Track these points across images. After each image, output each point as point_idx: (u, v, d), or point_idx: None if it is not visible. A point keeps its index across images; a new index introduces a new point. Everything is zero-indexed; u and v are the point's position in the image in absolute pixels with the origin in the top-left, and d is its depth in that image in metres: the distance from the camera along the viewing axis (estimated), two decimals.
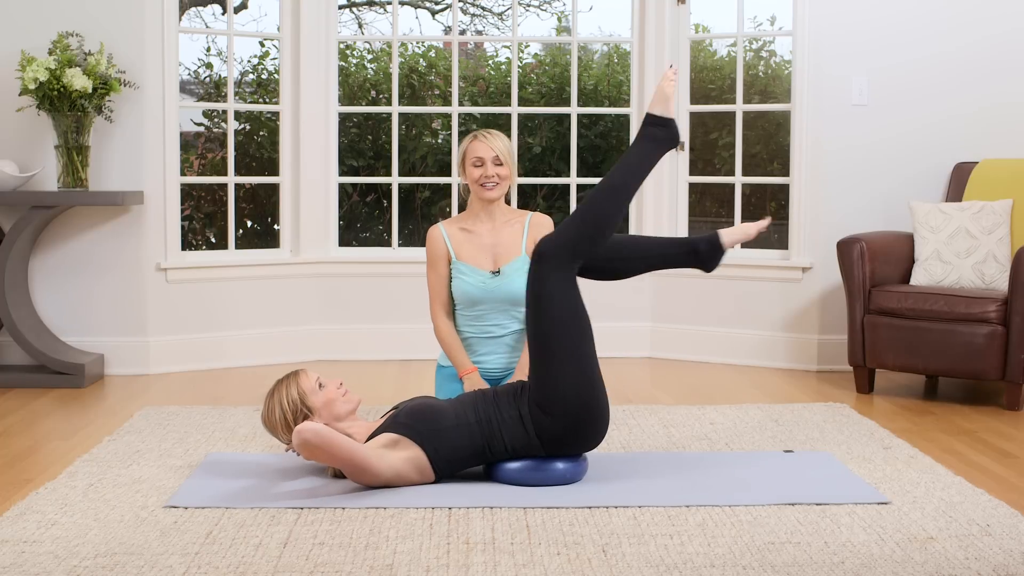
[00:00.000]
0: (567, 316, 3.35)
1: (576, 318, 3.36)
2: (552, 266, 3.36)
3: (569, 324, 3.34)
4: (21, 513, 3.07)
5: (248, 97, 7.98)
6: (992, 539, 2.88)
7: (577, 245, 3.39)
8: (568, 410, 3.30)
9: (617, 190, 3.46)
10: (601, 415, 3.35)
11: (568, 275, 3.37)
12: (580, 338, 3.35)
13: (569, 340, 3.33)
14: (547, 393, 3.30)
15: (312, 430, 3.13)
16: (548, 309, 3.34)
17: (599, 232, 3.42)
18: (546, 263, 3.36)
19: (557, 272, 3.36)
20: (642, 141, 3.55)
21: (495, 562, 2.70)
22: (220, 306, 5.53)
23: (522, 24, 11.14)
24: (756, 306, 5.62)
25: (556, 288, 3.35)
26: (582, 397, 3.31)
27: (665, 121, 3.54)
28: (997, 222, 4.87)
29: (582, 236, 3.40)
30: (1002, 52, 5.41)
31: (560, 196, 8.01)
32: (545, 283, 3.35)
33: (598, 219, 3.42)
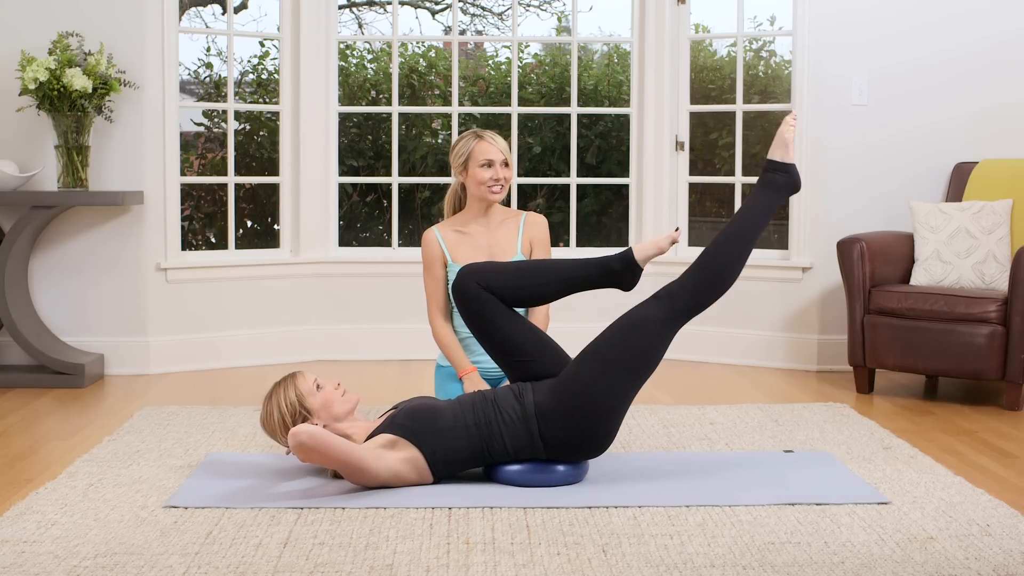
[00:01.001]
0: (646, 351, 3.35)
1: (651, 357, 3.37)
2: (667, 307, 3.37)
3: (642, 356, 3.34)
4: (21, 513, 3.07)
5: (248, 97, 7.98)
6: (992, 539, 2.88)
7: (699, 292, 3.40)
8: (584, 412, 3.28)
9: (740, 239, 3.45)
10: (610, 434, 3.36)
11: (673, 322, 3.39)
12: (639, 371, 3.35)
13: (631, 365, 3.33)
14: (571, 389, 3.30)
15: (307, 432, 3.13)
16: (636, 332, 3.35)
17: (723, 281, 3.43)
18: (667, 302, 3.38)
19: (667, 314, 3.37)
20: (762, 189, 3.54)
21: (495, 562, 2.70)
22: (220, 306, 5.53)
23: (522, 24, 11.14)
24: (756, 306, 5.62)
25: (658, 323, 3.36)
26: (603, 409, 3.30)
27: (786, 167, 3.53)
28: (997, 222, 4.87)
29: (707, 283, 3.41)
30: (1002, 52, 5.41)
31: (560, 196, 8.00)
32: (652, 316, 3.36)
33: (723, 268, 3.43)
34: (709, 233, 8.03)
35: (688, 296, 3.41)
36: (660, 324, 3.37)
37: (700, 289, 3.42)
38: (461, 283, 3.45)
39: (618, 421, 3.37)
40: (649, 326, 3.36)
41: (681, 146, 5.83)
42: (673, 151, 5.83)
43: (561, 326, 4.53)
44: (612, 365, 3.31)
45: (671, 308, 3.39)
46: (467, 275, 3.45)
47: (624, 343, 3.34)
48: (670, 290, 3.43)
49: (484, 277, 3.44)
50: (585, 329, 4.04)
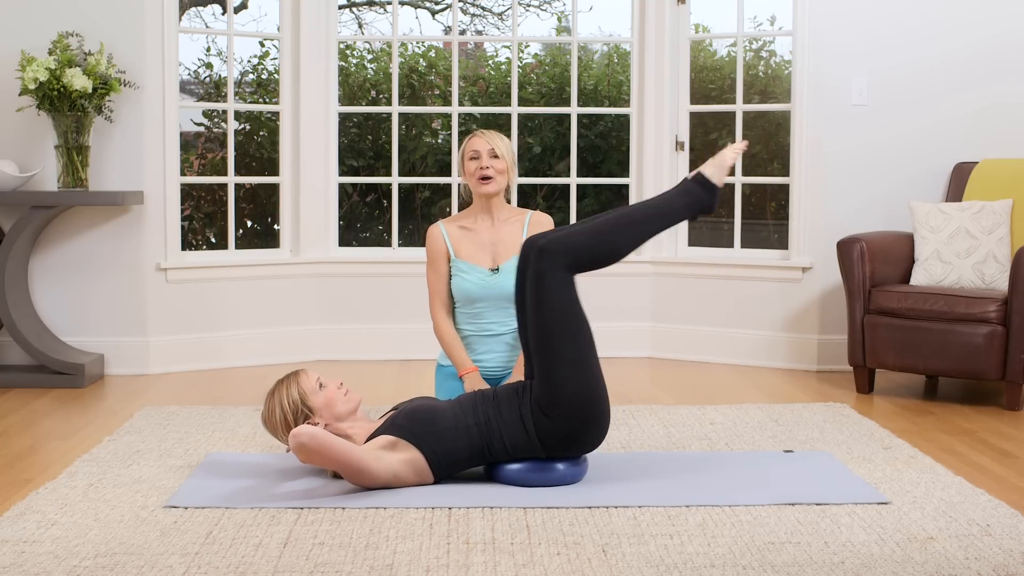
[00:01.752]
0: (569, 317, 3.32)
1: (577, 319, 3.34)
2: (552, 264, 3.31)
3: (571, 324, 3.32)
4: (21, 513, 3.07)
5: (248, 97, 7.98)
6: (992, 539, 2.88)
7: (581, 257, 3.33)
8: (570, 411, 3.29)
9: (638, 226, 3.39)
10: (602, 417, 3.34)
11: (567, 277, 3.34)
12: (582, 339, 3.33)
13: (571, 340, 3.31)
14: (550, 394, 3.29)
15: (308, 434, 3.13)
16: (548, 308, 3.31)
17: (605, 258, 3.37)
18: (547, 260, 3.30)
19: (558, 272, 3.32)
20: (682, 195, 3.47)
21: (495, 562, 2.70)
22: (220, 306, 5.53)
23: (522, 24, 11.14)
24: (756, 306, 5.62)
25: (557, 288, 3.32)
26: (584, 398, 3.30)
27: (711, 187, 3.47)
28: (997, 222, 4.87)
29: (589, 252, 3.34)
30: (1002, 52, 5.41)
31: (560, 196, 8.01)
32: (546, 282, 3.32)
33: (611, 245, 3.36)
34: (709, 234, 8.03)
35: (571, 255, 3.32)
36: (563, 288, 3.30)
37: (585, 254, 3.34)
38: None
39: (603, 388, 3.32)
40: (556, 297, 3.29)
41: (681, 146, 5.83)
42: (673, 151, 5.83)
43: None
44: (564, 350, 3.27)
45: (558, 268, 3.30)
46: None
47: (555, 325, 3.29)
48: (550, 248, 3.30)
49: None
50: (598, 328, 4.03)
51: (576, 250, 3.34)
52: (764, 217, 8.15)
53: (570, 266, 3.33)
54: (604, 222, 3.40)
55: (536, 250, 3.34)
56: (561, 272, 3.32)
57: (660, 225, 3.44)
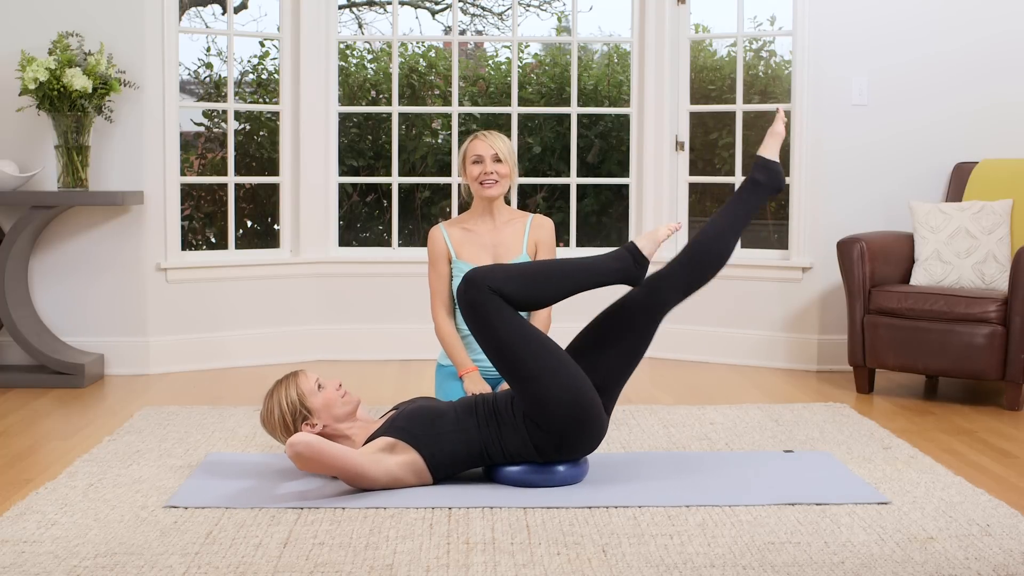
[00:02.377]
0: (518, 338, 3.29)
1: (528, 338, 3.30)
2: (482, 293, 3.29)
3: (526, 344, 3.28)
4: (21, 513, 3.07)
5: (248, 97, 7.98)
6: (992, 539, 2.88)
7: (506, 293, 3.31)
8: (561, 423, 3.26)
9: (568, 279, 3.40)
10: (595, 421, 3.31)
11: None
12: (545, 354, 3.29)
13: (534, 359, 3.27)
14: (537, 411, 3.27)
15: (304, 442, 3.12)
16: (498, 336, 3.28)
17: (529, 301, 3.37)
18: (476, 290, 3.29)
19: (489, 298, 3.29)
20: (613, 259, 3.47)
21: (495, 562, 2.70)
22: (220, 306, 5.53)
23: (522, 24, 11.14)
24: (756, 306, 5.62)
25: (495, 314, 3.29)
26: (572, 408, 3.26)
27: (642, 259, 3.47)
28: (997, 222, 4.87)
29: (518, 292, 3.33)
30: (1002, 52, 5.41)
31: (560, 196, 8.00)
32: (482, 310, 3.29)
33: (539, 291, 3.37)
34: None
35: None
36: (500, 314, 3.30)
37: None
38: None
39: (589, 392, 3.31)
40: (496, 323, 3.30)
41: (681, 146, 5.83)
42: (673, 151, 5.83)
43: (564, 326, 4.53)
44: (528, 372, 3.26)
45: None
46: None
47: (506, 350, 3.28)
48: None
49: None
50: None
51: (505, 285, 3.32)
52: (764, 217, 8.16)
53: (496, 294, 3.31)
54: (537, 269, 3.41)
55: (464, 281, 3.33)
56: (490, 297, 3.29)
57: (586, 281, 3.43)
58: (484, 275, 3.33)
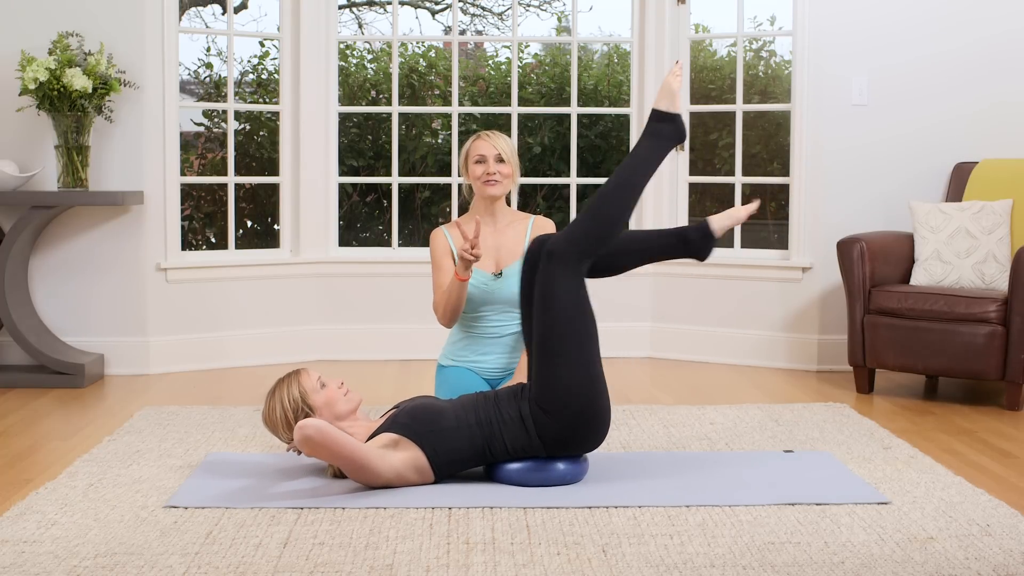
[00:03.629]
0: (574, 315, 3.33)
1: (583, 317, 3.34)
2: (562, 264, 3.34)
3: (576, 323, 3.32)
4: (21, 513, 3.07)
5: (248, 97, 7.98)
6: (992, 539, 2.88)
7: (586, 244, 3.37)
8: (570, 409, 3.29)
9: (624, 187, 3.44)
10: (602, 415, 3.34)
11: (577, 274, 3.36)
12: (586, 338, 3.33)
13: (575, 339, 3.31)
14: (549, 392, 3.29)
15: (314, 426, 3.13)
16: (554, 307, 3.32)
17: (608, 231, 3.40)
18: (556, 261, 3.34)
19: (566, 270, 3.34)
20: (648, 138, 3.53)
21: (495, 562, 2.70)
22: (220, 306, 5.53)
23: (522, 24, 11.14)
24: (756, 306, 5.62)
25: (564, 287, 3.33)
26: (584, 397, 3.30)
27: (671, 116, 3.54)
28: (997, 222, 4.87)
29: (591, 235, 3.38)
30: (1002, 52, 5.41)
31: (560, 196, 8.00)
32: (553, 281, 3.33)
33: (607, 217, 3.40)
34: None
35: (577, 247, 3.37)
36: (569, 287, 3.33)
37: (588, 240, 3.39)
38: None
39: (604, 387, 3.34)
40: (562, 295, 3.32)
41: (681, 146, 5.83)
42: (673, 151, 5.83)
43: None
44: (566, 349, 3.29)
45: (566, 266, 3.34)
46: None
47: (558, 324, 3.31)
48: (558, 250, 3.35)
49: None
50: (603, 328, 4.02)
51: (579, 239, 3.37)
52: (764, 217, 8.16)
53: (580, 258, 3.36)
54: (594, 200, 3.45)
55: (545, 254, 3.36)
56: (572, 270, 3.34)
57: (644, 173, 3.48)
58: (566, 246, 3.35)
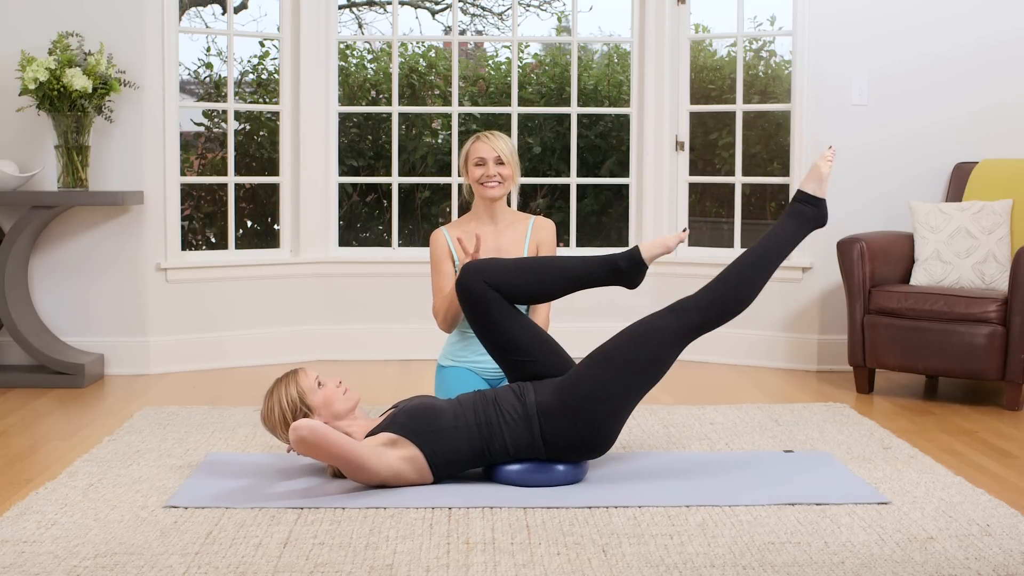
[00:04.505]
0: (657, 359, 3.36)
1: (660, 366, 3.38)
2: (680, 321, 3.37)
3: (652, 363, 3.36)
4: (21, 513, 3.07)
5: (248, 97, 7.98)
6: (992, 539, 2.88)
7: (712, 313, 3.40)
8: (588, 411, 3.28)
9: (760, 267, 3.46)
10: (610, 435, 3.37)
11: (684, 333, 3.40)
12: (647, 377, 3.37)
13: (640, 370, 3.34)
14: (578, 388, 3.30)
15: (308, 427, 3.13)
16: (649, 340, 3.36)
17: (738, 306, 3.44)
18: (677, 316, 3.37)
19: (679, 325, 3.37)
20: (789, 218, 3.54)
21: (495, 562, 2.70)
22: (220, 306, 5.53)
23: (522, 24, 11.14)
24: (756, 306, 5.55)
25: (668, 334, 3.36)
26: (606, 409, 3.30)
27: (816, 201, 3.54)
28: (997, 222, 4.87)
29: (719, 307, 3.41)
30: (1002, 52, 5.41)
31: (560, 196, 8.00)
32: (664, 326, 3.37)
33: (738, 294, 3.43)
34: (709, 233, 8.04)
35: (702, 314, 3.42)
36: (672, 336, 3.39)
37: (715, 309, 3.43)
38: (466, 279, 3.43)
39: (619, 425, 3.38)
40: (661, 336, 3.38)
41: (681, 146, 5.83)
42: (673, 151, 5.83)
43: (564, 326, 4.54)
44: (621, 371, 3.33)
45: (685, 323, 3.41)
46: (472, 271, 3.44)
47: (635, 350, 3.35)
48: (685, 305, 3.43)
49: (490, 274, 3.42)
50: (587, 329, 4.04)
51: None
52: (764, 217, 8.15)
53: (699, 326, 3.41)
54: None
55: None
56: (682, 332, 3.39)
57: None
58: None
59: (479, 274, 3.43)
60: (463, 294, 3.45)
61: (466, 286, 3.44)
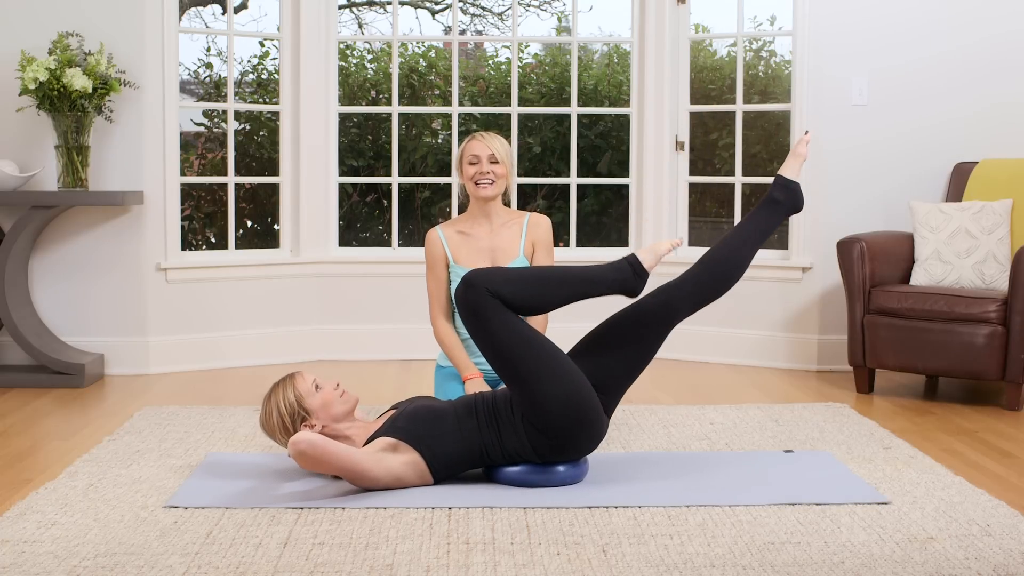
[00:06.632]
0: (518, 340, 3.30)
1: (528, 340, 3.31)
2: (480, 295, 3.30)
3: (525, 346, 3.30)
4: (21, 513, 3.07)
5: (248, 97, 7.98)
6: (992, 539, 2.88)
7: (505, 296, 3.32)
8: (560, 424, 3.26)
9: (566, 287, 3.41)
10: (593, 423, 3.32)
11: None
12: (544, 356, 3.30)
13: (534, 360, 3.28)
14: (536, 412, 3.26)
15: (307, 441, 3.12)
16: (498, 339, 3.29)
17: (527, 306, 3.37)
18: (474, 292, 3.30)
19: (487, 300, 3.30)
20: (612, 269, 3.49)
21: (495, 562, 2.70)
22: (220, 306, 5.53)
23: (522, 24, 11.14)
24: (756, 306, 5.62)
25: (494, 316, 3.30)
26: (570, 409, 3.26)
27: (642, 271, 3.49)
28: (997, 222, 4.87)
29: (515, 295, 3.34)
30: (1002, 52, 5.41)
31: (560, 196, 8.00)
32: (481, 313, 3.31)
33: (537, 297, 3.38)
34: (710, 233, 8.03)
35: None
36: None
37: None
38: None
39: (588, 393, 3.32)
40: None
41: (681, 146, 5.83)
42: (673, 151, 5.83)
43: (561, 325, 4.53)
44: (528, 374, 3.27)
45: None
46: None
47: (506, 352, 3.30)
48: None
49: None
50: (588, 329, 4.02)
51: (503, 288, 3.33)
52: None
53: (494, 297, 3.32)
54: (537, 275, 3.42)
55: (463, 283, 3.34)
56: (488, 300, 3.31)
57: (585, 291, 3.45)
58: (483, 278, 3.34)
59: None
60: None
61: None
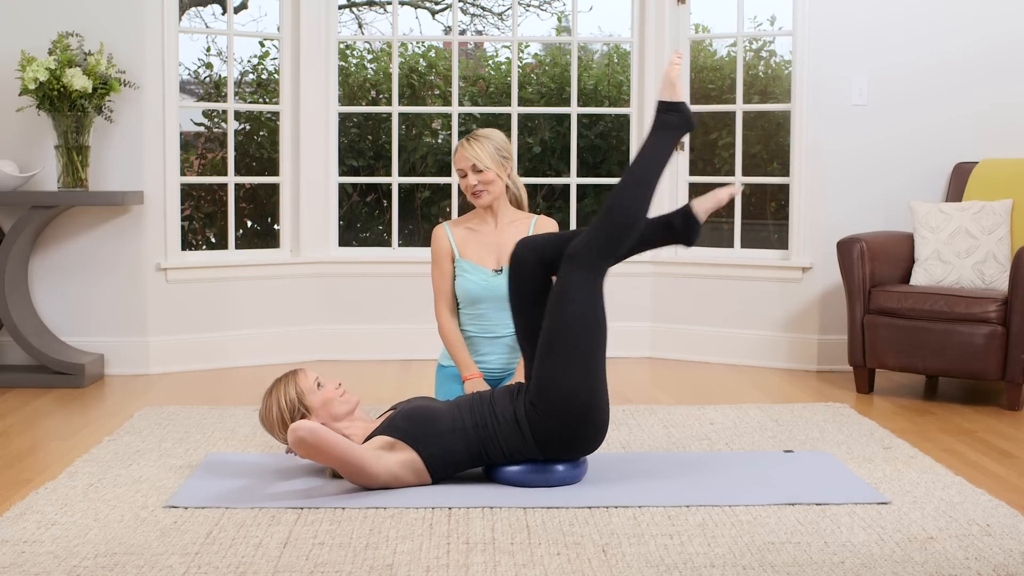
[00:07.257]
0: (587, 319, 3.30)
1: (595, 322, 3.32)
2: (580, 266, 3.32)
3: (587, 327, 3.30)
4: (21, 513, 3.07)
5: (248, 97, 7.98)
6: (992, 539, 2.88)
7: (605, 243, 3.34)
8: (567, 409, 3.27)
9: (638, 183, 3.39)
10: (600, 419, 3.32)
11: (594, 276, 3.34)
12: (594, 342, 3.31)
13: (583, 343, 3.28)
14: (547, 393, 3.28)
15: (308, 428, 3.13)
16: (568, 309, 3.30)
17: (626, 228, 3.36)
18: (575, 263, 3.31)
19: (584, 272, 3.32)
20: (656, 131, 3.48)
21: (495, 562, 2.70)
22: (220, 306, 5.53)
23: (522, 24, 11.14)
24: (756, 306, 5.62)
25: (581, 289, 3.31)
26: (584, 398, 3.28)
27: (676, 106, 3.49)
28: (997, 222, 4.87)
29: (609, 234, 3.35)
30: (1002, 52, 5.41)
31: (560, 196, 8.00)
32: (570, 283, 3.32)
33: (623, 215, 3.36)
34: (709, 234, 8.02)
35: (598, 250, 3.35)
36: (585, 289, 3.32)
37: (607, 238, 3.36)
38: (521, 256, 3.41)
39: (604, 392, 3.33)
40: (577, 298, 3.31)
41: (681, 146, 5.83)
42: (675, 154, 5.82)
43: None
44: (571, 350, 3.27)
45: (588, 267, 3.33)
46: (527, 248, 3.41)
47: (568, 326, 3.29)
48: (578, 251, 3.34)
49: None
50: None
51: (596, 239, 3.33)
52: (764, 217, 8.16)
53: (599, 258, 3.33)
54: (609, 200, 3.40)
55: (565, 257, 3.34)
56: (590, 271, 3.32)
57: (657, 166, 3.42)
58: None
59: (534, 251, 3.41)
60: (516, 272, 3.43)
61: (521, 264, 3.41)
